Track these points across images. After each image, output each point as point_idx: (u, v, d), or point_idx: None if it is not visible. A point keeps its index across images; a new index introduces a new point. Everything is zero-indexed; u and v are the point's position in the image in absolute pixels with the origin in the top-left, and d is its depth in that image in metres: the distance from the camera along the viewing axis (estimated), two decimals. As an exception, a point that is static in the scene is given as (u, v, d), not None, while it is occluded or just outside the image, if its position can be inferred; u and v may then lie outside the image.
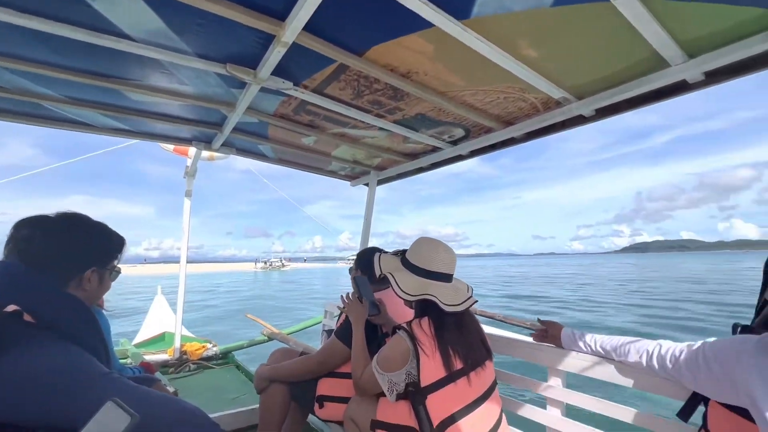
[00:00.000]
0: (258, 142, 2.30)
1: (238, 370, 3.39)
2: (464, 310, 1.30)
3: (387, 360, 1.24)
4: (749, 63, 1.25)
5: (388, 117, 1.87)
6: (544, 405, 1.42)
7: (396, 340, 1.24)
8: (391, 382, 1.22)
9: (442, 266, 1.34)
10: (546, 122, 1.75)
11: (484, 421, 1.25)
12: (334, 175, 3.10)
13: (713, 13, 1.06)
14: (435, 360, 1.19)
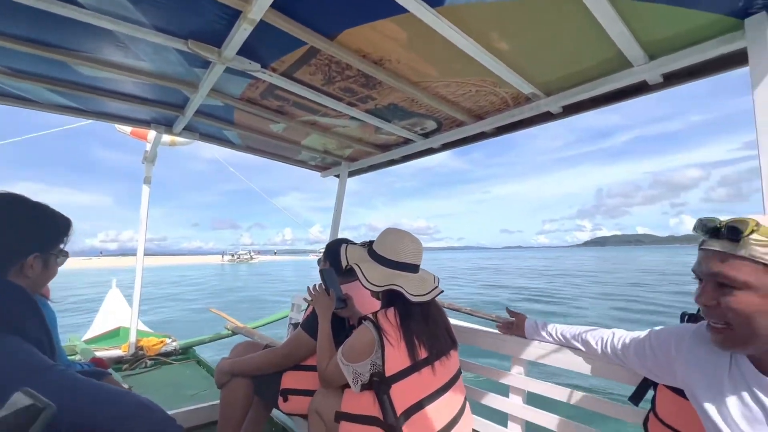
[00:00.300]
0: (223, 127, 2.19)
1: (199, 366, 3.26)
2: (430, 301, 1.31)
3: (352, 350, 1.22)
4: (703, 67, 1.32)
5: (360, 106, 1.84)
6: (507, 393, 1.45)
7: (361, 330, 1.23)
8: (355, 373, 1.20)
9: (409, 257, 1.34)
10: (515, 117, 1.78)
11: (447, 409, 1.26)
12: (305, 165, 3.02)
13: (673, 15, 1.11)
14: (400, 350, 1.19)
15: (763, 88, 1.05)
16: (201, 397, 2.53)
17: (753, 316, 0.67)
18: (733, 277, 0.69)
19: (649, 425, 1.08)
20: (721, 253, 0.71)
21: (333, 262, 1.75)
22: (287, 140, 2.41)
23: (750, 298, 0.67)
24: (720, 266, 0.71)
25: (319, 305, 1.54)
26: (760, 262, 0.67)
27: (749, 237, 0.67)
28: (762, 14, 1.06)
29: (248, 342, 1.95)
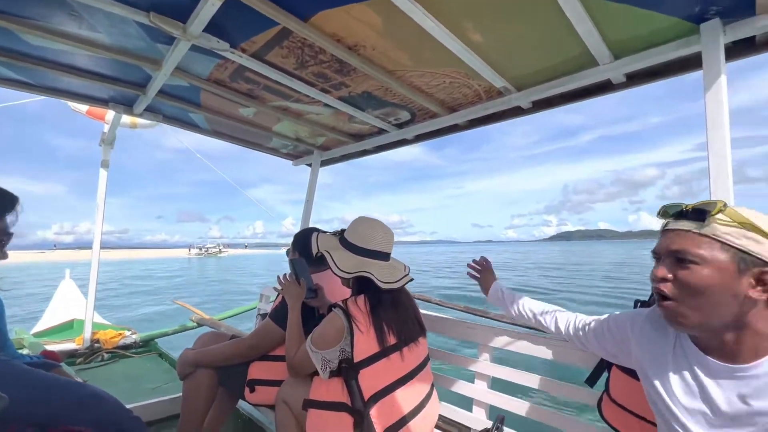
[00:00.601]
0: (189, 109, 2.09)
1: (162, 359, 3.14)
2: (400, 288, 1.32)
3: (321, 337, 1.21)
4: (663, 69, 1.39)
5: (334, 92, 1.80)
6: (473, 379, 1.50)
7: (331, 317, 1.22)
8: (324, 360, 1.20)
9: (380, 245, 1.35)
10: (488, 111, 1.81)
11: (414, 395, 1.28)
12: (276, 152, 2.94)
13: (637, 16, 1.16)
14: (369, 336, 1.20)
15: (714, 92, 1.12)
16: (163, 390, 2.44)
17: (704, 290, 0.70)
18: (692, 251, 0.71)
19: (602, 405, 1.15)
20: (684, 231, 0.74)
21: (302, 252, 1.73)
22: (257, 126, 2.34)
23: (704, 272, 0.70)
24: (681, 242, 0.74)
25: (289, 294, 1.52)
26: (718, 240, 0.70)
27: (715, 216, 0.71)
28: (716, 20, 1.13)
29: (214, 333, 1.89)
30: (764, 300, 0.69)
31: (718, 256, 0.70)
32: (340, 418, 1.19)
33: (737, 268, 0.69)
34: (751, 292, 0.68)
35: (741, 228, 0.69)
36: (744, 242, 0.69)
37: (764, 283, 0.68)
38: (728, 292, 0.69)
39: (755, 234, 0.69)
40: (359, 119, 2.11)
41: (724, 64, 1.13)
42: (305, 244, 1.75)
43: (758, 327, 0.70)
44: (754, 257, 0.68)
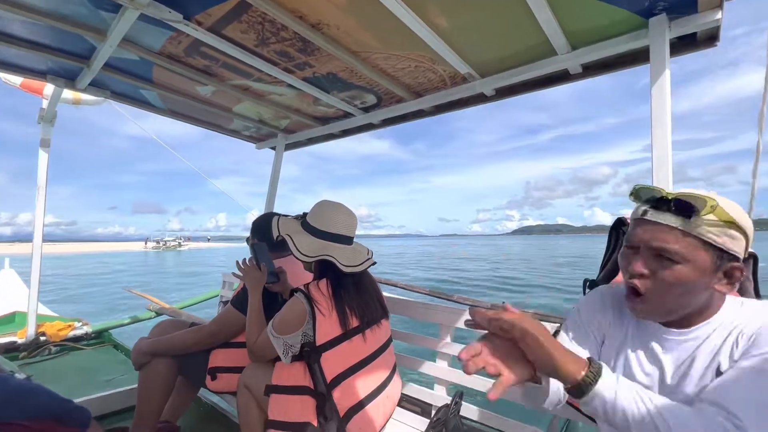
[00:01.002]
0: (140, 85, 1.95)
1: (117, 350, 2.99)
2: (363, 271, 1.33)
3: (283, 323, 1.20)
4: (616, 61, 1.46)
5: (297, 73, 1.75)
6: (435, 358, 1.55)
7: (293, 302, 1.21)
8: (286, 345, 1.19)
9: (343, 228, 1.34)
10: (453, 96, 1.83)
11: (376, 375, 1.31)
12: (238, 135, 2.83)
13: (592, 7, 1.20)
14: (331, 319, 1.20)
15: (658, 86, 1.19)
16: (118, 382, 2.34)
17: (685, 288, 0.71)
18: (675, 250, 0.69)
19: None
20: (666, 227, 0.71)
21: (261, 237, 1.69)
22: (217, 106, 2.23)
23: (687, 272, 0.69)
24: (665, 240, 0.71)
25: (249, 279, 1.49)
26: (704, 239, 0.69)
27: (704, 217, 0.68)
28: (663, 16, 1.19)
29: (172, 321, 1.82)
30: (726, 291, 0.73)
31: (699, 254, 0.69)
32: (302, 402, 1.20)
33: (713, 266, 0.70)
34: (719, 286, 0.71)
35: (725, 227, 0.69)
36: (724, 240, 0.69)
37: (731, 277, 0.71)
38: (701, 287, 0.71)
39: (734, 231, 0.69)
40: (324, 102, 2.06)
41: (669, 59, 1.20)
42: (265, 229, 1.71)
43: (710, 304, 0.75)
44: (729, 253, 0.70)
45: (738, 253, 0.70)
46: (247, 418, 1.37)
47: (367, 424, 1.24)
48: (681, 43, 1.31)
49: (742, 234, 0.70)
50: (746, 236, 0.71)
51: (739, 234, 0.70)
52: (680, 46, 1.32)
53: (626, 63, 1.44)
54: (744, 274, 0.71)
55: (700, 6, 1.14)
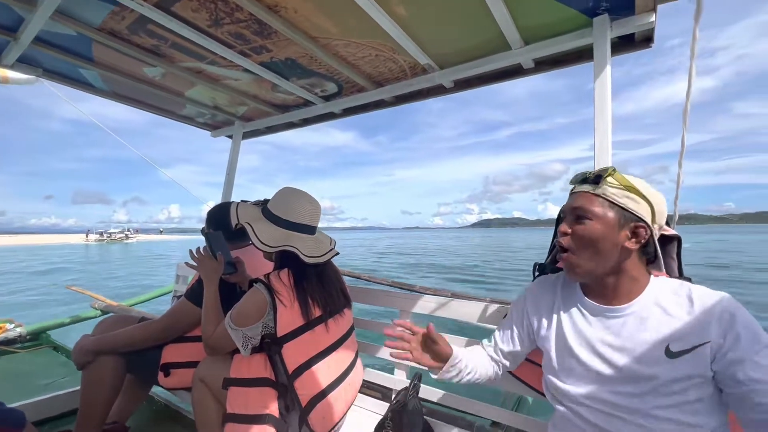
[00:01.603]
0: (79, 64, 1.79)
1: (57, 352, 2.77)
2: (326, 261, 1.32)
3: (242, 314, 1.17)
4: (564, 57, 1.54)
5: (254, 56, 1.69)
6: (395, 344, 1.58)
7: (252, 293, 1.18)
8: (245, 337, 1.16)
9: (306, 218, 1.31)
10: (413, 87, 1.85)
11: (338, 364, 1.32)
12: (191, 121, 2.68)
13: (543, 4, 1.26)
14: (293, 310, 1.18)
15: (600, 83, 1.28)
16: (59, 385, 2.17)
17: (594, 241, 0.85)
18: (587, 208, 0.86)
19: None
20: (582, 193, 0.89)
21: (217, 227, 1.63)
22: (167, 89, 2.10)
23: (595, 226, 0.85)
24: (581, 201, 0.88)
25: (204, 269, 1.43)
26: (608, 199, 0.85)
27: (607, 179, 0.86)
28: (605, 16, 1.27)
29: (118, 317, 1.71)
30: (636, 250, 0.85)
31: (607, 212, 0.85)
32: (262, 394, 1.18)
33: (618, 223, 0.84)
34: (627, 243, 0.84)
35: (624, 190, 0.85)
36: (625, 201, 0.84)
37: (637, 236, 0.85)
38: (610, 242, 0.84)
39: (634, 195, 0.84)
40: (283, 88, 2.01)
41: (610, 57, 1.29)
42: (221, 218, 1.65)
43: (632, 273, 0.87)
44: (632, 213, 0.84)
45: (641, 215, 0.84)
46: (204, 413, 1.33)
47: (329, 413, 1.25)
48: (621, 43, 1.41)
49: (644, 200, 0.84)
50: (649, 203, 0.85)
51: (639, 198, 0.84)
52: (620, 45, 1.41)
53: (573, 60, 1.53)
54: (647, 234, 0.84)
55: (637, 8, 1.23)
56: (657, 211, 0.86)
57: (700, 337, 0.77)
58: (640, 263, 0.88)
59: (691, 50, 1.15)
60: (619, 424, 0.83)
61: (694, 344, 0.77)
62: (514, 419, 1.32)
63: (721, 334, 0.75)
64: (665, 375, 0.78)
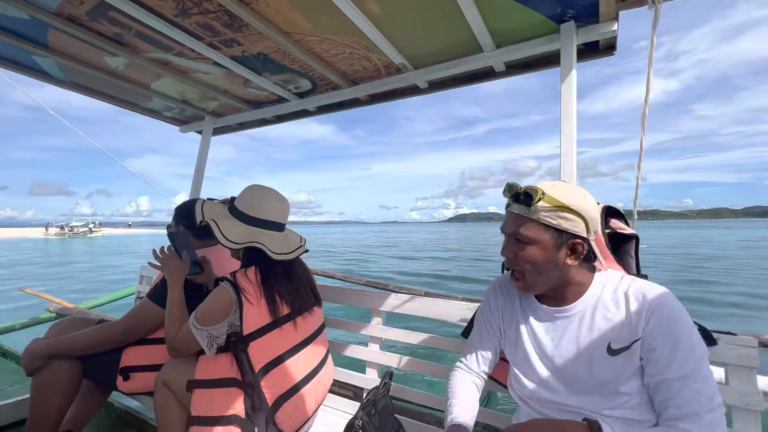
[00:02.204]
0: (33, 50, 1.68)
1: (5, 358, 2.59)
2: (295, 259, 1.30)
3: (207, 314, 1.13)
4: (534, 62, 1.58)
5: (225, 50, 1.64)
6: (367, 343, 1.57)
7: (218, 291, 1.15)
8: (210, 337, 1.13)
9: (274, 215, 1.28)
10: (387, 86, 1.85)
11: (307, 362, 1.30)
12: (157, 115, 2.58)
13: (514, 9, 1.29)
14: (260, 307, 1.16)
15: (566, 87, 1.32)
16: (7, 393, 2.03)
17: (537, 264, 0.87)
18: (524, 235, 0.87)
19: None
20: (518, 215, 0.88)
21: (187, 225, 1.57)
22: (131, 81, 2.01)
23: (535, 251, 0.86)
24: (517, 226, 0.88)
25: (168, 268, 1.37)
26: (542, 223, 0.85)
27: (537, 204, 0.85)
28: (572, 23, 1.32)
29: (74, 319, 1.61)
30: (577, 264, 0.88)
31: (542, 235, 0.85)
32: (228, 394, 1.14)
33: (555, 244, 0.85)
34: (568, 261, 0.86)
35: (556, 210, 0.84)
36: (559, 222, 0.84)
37: (575, 252, 0.86)
38: (551, 263, 0.86)
39: (566, 213, 0.83)
40: (256, 84, 1.97)
41: (576, 63, 1.34)
42: (190, 215, 1.59)
43: (576, 280, 0.90)
44: (567, 232, 0.85)
45: (578, 232, 0.84)
46: (167, 418, 1.28)
47: (298, 411, 1.23)
48: (587, 50, 1.47)
49: (576, 216, 0.83)
50: (582, 218, 0.84)
51: (573, 216, 0.83)
52: (586, 52, 1.48)
53: (542, 65, 1.58)
54: (585, 249, 0.86)
55: (601, 17, 1.28)
56: (590, 220, 0.86)
57: (633, 334, 0.81)
58: (582, 269, 0.90)
59: (650, 57, 1.21)
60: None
61: (629, 341, 0.81)
62: (483, 414, 1.34)
63: (645, 328, 0.79)
64: (608, 373, 0.82)
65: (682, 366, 0.75)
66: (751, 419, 0.96)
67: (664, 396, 0.76)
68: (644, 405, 0.81)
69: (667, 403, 0.75)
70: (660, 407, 0.78)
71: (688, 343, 0.76)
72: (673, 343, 0.76)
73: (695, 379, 0.74)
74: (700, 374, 0.74)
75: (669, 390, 0.76)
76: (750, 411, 0.96)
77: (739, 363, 0.98)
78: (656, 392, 0.78)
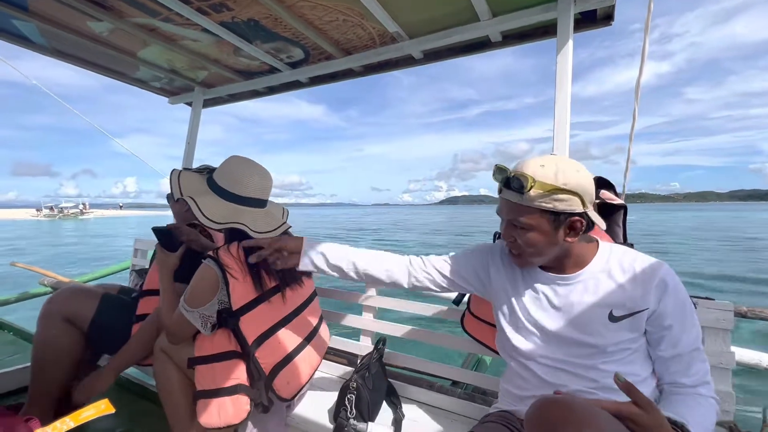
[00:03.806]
0: (11, 13, 1.61)
1: (3, 330, 2.61)
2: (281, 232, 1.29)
3: (194, 295, 1.14)
4: (532, 32, 1.56)
5: (213, 15, 1.58)
6: (361, 312, 1.62)
7: (202, 270, 1.14)
8: (203, 317, 1.13)
9: (255, 191, 1.25)
10: (382, 57, 1.81)
11: (299, 331, 1.33)
12: (145, 86, 2.51)
13: (511, -25, 1.26)
14: (246, 283, 1.16)
15: (562, 57, 1.31)
16: (7, 363, 2.06)
17: (538, 247, 0.89)
18: (520, 221, 0.88)
19: (465, 320, 1.37)
20: (512, 203, 0.89)
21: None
22: (116, 48, 1.94)
23: (535, 236, 0.88)
24: (514, 214, 0.89)
25: (166, 267, 1.35)
26: (538, 208, 0.85)
27: (529, 192, 0.84)
28: None
29: (75, 288, 1.59)
30: (573, 241, 0.89)
31: (538, 220, 0.86)
32: (230, 366, 1.17)
33: (552, 226, 0.86)
34: (567, 239, 0.88)
35: (550, 194, 0.83)
36: (554, 204, 0.84)
37: (574, 228, 0.87)
38: (551, 244, 0.88)
39: (560, 195, 0.83)
40: (246, 53, 1.91)
41: (572, 33, 1.33)
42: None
43: (576, 253, 0.93)
44: (564, 213, 0.85)
45: (574, 210, 0.85)
46: (167, 383, 1.31)
47: (294, 377, 1.27)
48: (584, 19, 1.44)
49: (571, 194, 0.83)
50: (577, 194, 0.84)
51: (567, 195, 0.83)
52: (583, 22, 1.45)
53: (539, 35, 1.55)
54: (583, 224, 0.87)
55: (600, -16, 1.26)
56: (585, 194, 0.85)
57: (639, 304, 0.85)
58: (582, 239, 0.92)
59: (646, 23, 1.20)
60: (566, 377, 0.90)
61: (633, 310, 0.86)
62: (472, 377, 1.40)
63: (657, 301, 0.85)
64: (608, 338, 0.86)
65: (694, 341, 0.84)
66: (724, 377, 1.02)
67: (677, 367, 0.85)
68: (637, 360, 0.88)
69: (683, 373, 0.84)
70: (674, 376, 0.85)
71: (692, 318, 0.85)
72: (685, 320, 0.84)
73: (700, 350, 0.84)
74: (701, 346, 0.85)
75: (681, 362, 0.84)
76: (723, 369, 1.02)
77: (715, 326, 1.04)
78: (670, 364, 0.86)
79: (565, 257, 0.93)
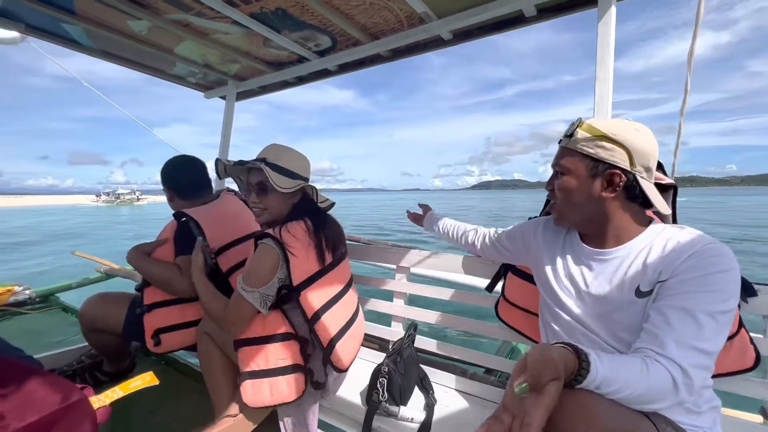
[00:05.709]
0: (61, 17, 1.71)
1: (66, 313, 2.86)
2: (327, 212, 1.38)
3: (256, 275, 1.16)
4: (567, 3, 1.46)
5: (243, 6, 1.61)
6: (392, 298, 1.62)
7: (262, 250, 1.17)
8: (263, 296, 1.16)
9: (306, 171, 1.34)
10: (410, 39, 1.77)
11: (346, 310, 1.37)
12: (182, 81, 2.60)
13: (547, -59, 1.18)
14: (309, 256, 1.21)
15: (603, 27, 1.22)
16: (70, 342, 2.26)
17: (569, 194, 0.87)
18: (561, 164, 0.88)
19: (498, 307, 1.33)
20: (561, 148, 0.90)
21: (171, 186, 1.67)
22: (155, 45, 2.02)
23: (569, 180, 0.87)
24: (557, 158, 0.90)
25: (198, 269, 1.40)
26: (578, 152, 0.84)
27: (577, 132, 0.84)
28: None
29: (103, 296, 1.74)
30: (617, 196, 0.83)
31: (577, 164, 0.85)
32: (284, 347, 1.21)
33: (589, 173, 0.84)
34: (604, 193, 0.83)
35: (594, 139, 0.82)
36: (596, 150, 0.82)
37: (612, 184, 0.82)
38: (584, 194, 0.85)
39: (605, 142, 0.80)
40: (276, 43, 1.93)
41: (615, 0, 1.23)
42: (170, 174, 1.66)
43: (617, 220, 0.86)
44: (605, 162, 0.81)
45: (616, 162, 0.80)
46: (210, 365, 1.39)
47: (347, 351, 1.32)
48: (628, -15, 1.33)
49: (616, 145, 0.80)
50: (624, 147, 0.80)
51: (611, 145, 0.80)
52: (627, -12, 1.34)
53: (578, 5, 1.45)
54: (622, 180, 0.81)
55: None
56: (636, 153, 0.80)
57: (663, 275, 0.76)
58: (627, 209, 0.86)
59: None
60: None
61: (657, 281, 0.78)
62: (506, 365, 1.37)
63: (679, 266, 0.74)
64: (634, 315, 0.80)
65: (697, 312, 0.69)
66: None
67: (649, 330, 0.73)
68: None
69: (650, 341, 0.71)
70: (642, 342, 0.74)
71: (712, 289, 0.70)
72: (696, 283, 0.71)
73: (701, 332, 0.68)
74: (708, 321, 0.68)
75: (657, 324, 0.72)
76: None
77: (780, 315, 0.94)
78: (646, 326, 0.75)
79: (603, 222, 0.87)
